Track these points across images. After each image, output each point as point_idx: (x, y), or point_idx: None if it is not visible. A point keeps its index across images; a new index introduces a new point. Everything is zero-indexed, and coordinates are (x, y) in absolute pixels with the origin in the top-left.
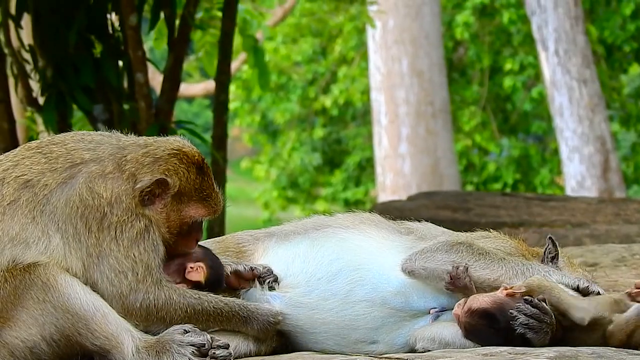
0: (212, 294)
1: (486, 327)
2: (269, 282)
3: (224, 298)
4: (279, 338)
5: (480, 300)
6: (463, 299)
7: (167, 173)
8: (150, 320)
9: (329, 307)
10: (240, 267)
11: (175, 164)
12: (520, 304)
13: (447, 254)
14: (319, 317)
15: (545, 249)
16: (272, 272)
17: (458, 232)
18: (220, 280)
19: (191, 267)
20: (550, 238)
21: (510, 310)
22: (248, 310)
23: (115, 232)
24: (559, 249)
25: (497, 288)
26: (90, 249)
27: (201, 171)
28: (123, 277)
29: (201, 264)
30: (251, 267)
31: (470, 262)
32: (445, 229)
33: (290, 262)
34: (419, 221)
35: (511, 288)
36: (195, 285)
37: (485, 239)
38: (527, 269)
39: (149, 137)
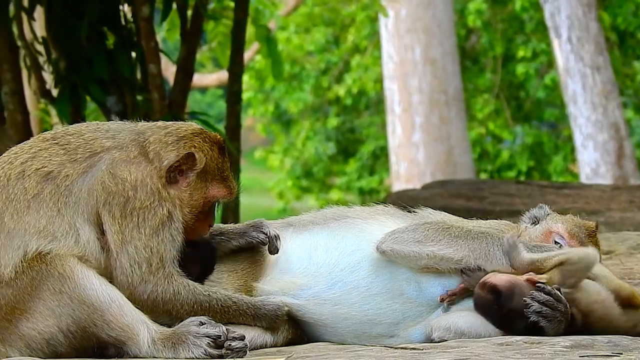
0: (222, 291)
1: (491, 302)
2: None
3: (232, 295)
4: (295, 330)
5: (497, 277)
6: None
7: (193, 149)
8: (156, 312)
9: (352, 301)
10: (242, 241)
11: (200, 142)
12: (534, 291)
13: (413, 232)
14: (342, 312)
15: (530, 213)
16: (273, 236)
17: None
18: (208, 268)
19: None
20: (540, 206)
21: (524, 298)
22: (256, 308)
23: (138, 219)
24: (546, 213)
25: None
26: (114, 237)
27: (222, 151)
28: (137, 267)
29: None
30: (250, 242)
31: (435, 241)
32: (456, 217)
33: (313, 251)
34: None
35: (535, 277)
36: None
37: (477, 221)
38: (493, 253)
39: (165, 122)
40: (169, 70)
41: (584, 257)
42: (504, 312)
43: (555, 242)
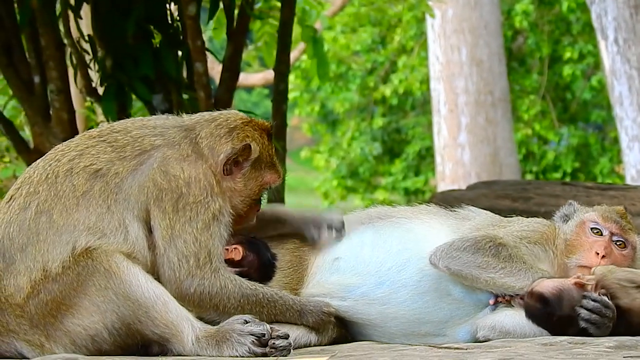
0: (268, 287)
1: (541, 311)
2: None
3: (279, 291)
4: (339, 329)
5: (543, 285)
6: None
7: (246, 140)
8: (204, 307)
9: (400, 300)
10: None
11: (251, 130)
12: (583, 297)
13: (473, 256)
14: (390, 312)
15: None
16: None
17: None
18: (267, 266)
19: (226, 249)
20: (570, 203)
21: (576, 308)
22: (302, 304)
23: (191, 213)
24: (575, 209)
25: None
26: (163, 232)
27: (270, 138)
28: (184, 262)
29: (237, 246)
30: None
31: (496, 268)
32: (499, 216)
33: (359, 250)
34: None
35: (582, 279)
36: (244, 273)
37: (519, 223)
38: None
39: (209, 112)
40: (215, 69)
41: None
42: (555, 319)
43: (592, 230)
